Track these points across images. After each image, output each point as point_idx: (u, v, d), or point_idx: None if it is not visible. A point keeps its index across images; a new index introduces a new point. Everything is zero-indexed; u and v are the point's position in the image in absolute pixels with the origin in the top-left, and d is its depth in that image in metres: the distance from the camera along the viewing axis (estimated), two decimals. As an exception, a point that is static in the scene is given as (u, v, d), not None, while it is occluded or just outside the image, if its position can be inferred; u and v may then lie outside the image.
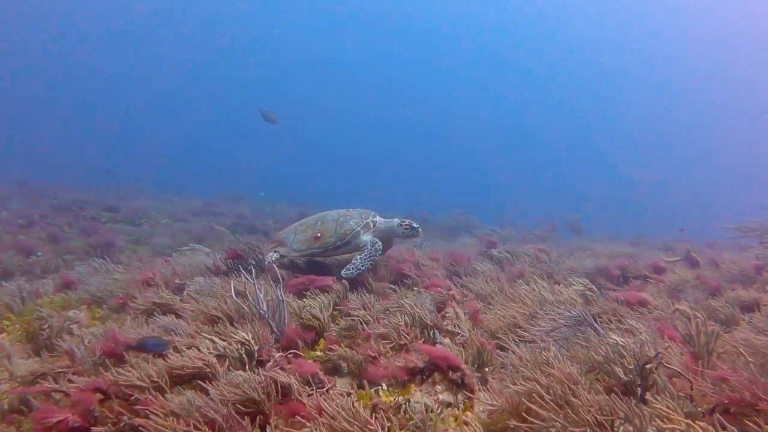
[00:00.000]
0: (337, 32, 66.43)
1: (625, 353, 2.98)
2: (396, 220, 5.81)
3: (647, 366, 2.84)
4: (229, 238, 11.09)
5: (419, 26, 66.60)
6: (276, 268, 5.16)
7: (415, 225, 5.74)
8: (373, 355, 3.58)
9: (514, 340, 3.70)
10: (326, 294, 5.00)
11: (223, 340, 3.56)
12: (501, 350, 3.70)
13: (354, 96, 65.72)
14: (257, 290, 4.19)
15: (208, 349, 3.46)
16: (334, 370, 3.67)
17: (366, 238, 5.62)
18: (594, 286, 4.62)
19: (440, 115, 63.05)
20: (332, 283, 5.29)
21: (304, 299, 4.99)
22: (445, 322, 4.25)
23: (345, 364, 3.58)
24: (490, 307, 4.60)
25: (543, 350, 3.18)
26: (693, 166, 48.94)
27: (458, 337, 3.92)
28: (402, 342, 3.80)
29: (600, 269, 6.24)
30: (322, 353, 3.86)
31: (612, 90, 61.47)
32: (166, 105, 60.74)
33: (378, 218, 5.85)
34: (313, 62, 65.10)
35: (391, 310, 4.34)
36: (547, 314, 3.82)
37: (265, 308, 4.06)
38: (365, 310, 4.53)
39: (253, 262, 6.04)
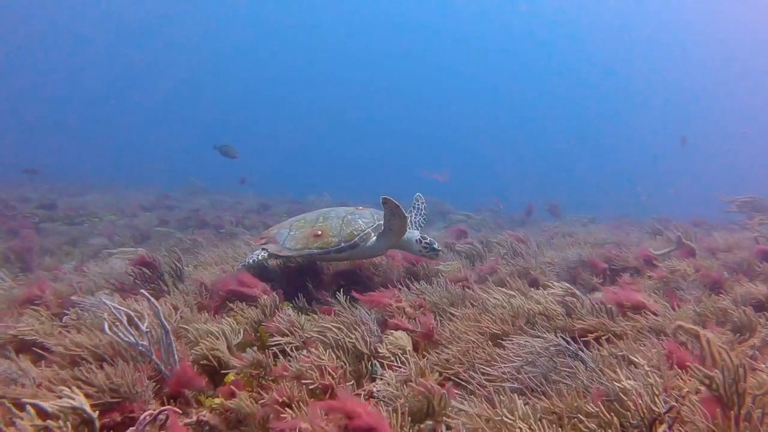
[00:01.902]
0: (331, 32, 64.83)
1: (629, 402, 2.07)
2: (416, 234, 4.85)
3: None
4: (176, 237, 10.02)
5: (407, 20, 65.26)
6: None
7: (436, 246, 4.79)
8: (281, 403, 2.62)
9: (473, 379, 2.76)
10: (253, 308, 4.05)
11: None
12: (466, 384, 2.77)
13: (345, 91, 64.37)
14: (146, 313, 3.20)
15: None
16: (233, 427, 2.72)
17: (378, 243, 4.65)
18: (576, 290, 3.69)
19: (425, 108, 61.89)
20: (261, 293, 4.32)
21: (225, 317, 4.05)
22: (388, 347, 3.30)
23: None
24: (451, 321, 3.65)
25: (506, 401, 2.23)
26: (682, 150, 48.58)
27: (402, 371, 2.96)
28: (326, 382, 2.83)
29: (584, 261, 5.35)
30: (221, 400, 2.89)
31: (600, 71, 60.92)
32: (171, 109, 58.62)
33: None
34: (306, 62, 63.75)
35: (325, 332, 3.37)
36: (519, 341, 2.88)
37: (147, 342, 3.06)
38: (291, 334, 3.55)
39: (170, 270, 5.02)
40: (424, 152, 51.24)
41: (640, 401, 2.07)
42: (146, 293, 3.25)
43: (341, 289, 4.59)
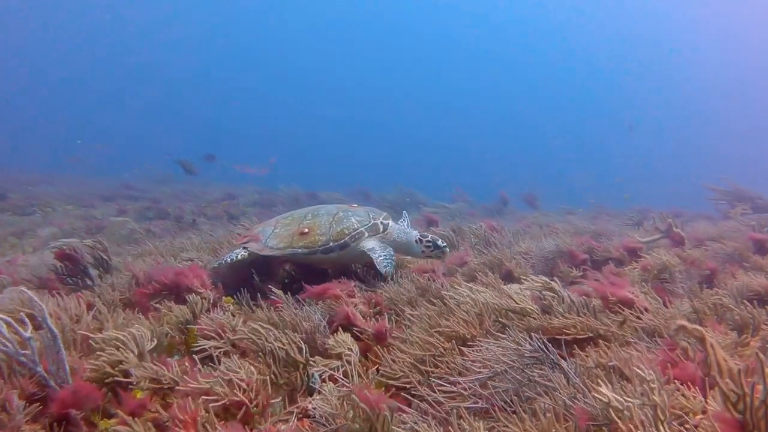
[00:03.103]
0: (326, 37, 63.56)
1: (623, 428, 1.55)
2: (415, 234, 4.35)
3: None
4: (129, 228, 9.30)
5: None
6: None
7: (440, 243, 4.28)
8: (184, 425, 2.05)
9: (430, 395, 2.22)
10: (183, 306, 3.47)
11: None
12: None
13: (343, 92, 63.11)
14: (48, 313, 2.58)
15: None
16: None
17: (371, 243, 4.10)
18: (556, 285, 3.18)
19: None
20: (199, 286, 3.75)
21: (150, 316, 3.48)
22: (330, 352, 2.75)
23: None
24: (411, 321, 3.11)
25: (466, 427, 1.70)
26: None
27: (343, 386, 2.42)
28: (238, 399, 2.26)
29: (562, 252, 4.86)
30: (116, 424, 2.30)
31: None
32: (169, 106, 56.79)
33: (391, 222, 4.34)
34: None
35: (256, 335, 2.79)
36: (487, 347, 2.35)
37: (31, 351, 2.46)
38: (219, 338, 2.97)
39: (94, 262, 4.39)
40: (403, 149, 50.63)
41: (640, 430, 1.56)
42: (25, 289, 2.65)
43: (292, 281, 4.07)
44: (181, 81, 57.68)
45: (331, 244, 4.02)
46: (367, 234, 4.14)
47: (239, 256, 4.13)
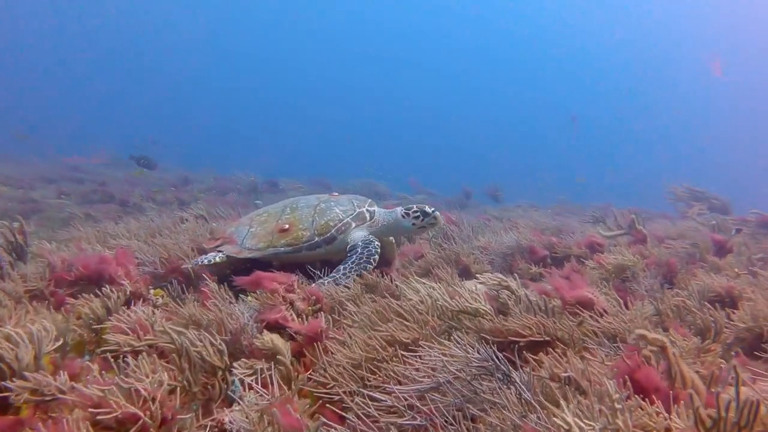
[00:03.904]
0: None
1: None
2: (399, 210, 3.94)
3: None
4: (68, 211, 8.65)
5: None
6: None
7: (428, 209, 3.89)
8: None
9: (362, 407, 1.91)
10: (99, 299, 3.07)
11: None
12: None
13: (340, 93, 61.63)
14: None
15: None
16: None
17: (359, 234, 3.75)
18: (513, 283, 2.93)
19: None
20: (121, 275, 3.37)
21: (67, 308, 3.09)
22: (256, 354, 2.41)
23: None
24: (353, 322, 2.80)
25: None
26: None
27: (264, 399, 2.09)
28: (131, 412, 1.91)
29: (522, 248, 4.65)
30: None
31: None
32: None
33: (376, 208, 3.97)
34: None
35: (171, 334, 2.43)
36: (430, 353, 2.06)
37: None
38: (136, 337, 2.59)
39: (7, 246, 3.91)
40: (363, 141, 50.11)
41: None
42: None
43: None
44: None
45: (316, 239, 3.68)
46: (354, 224, 3.79)
47: (213, 261, 3.70)
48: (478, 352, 1.92)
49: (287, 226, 3.73)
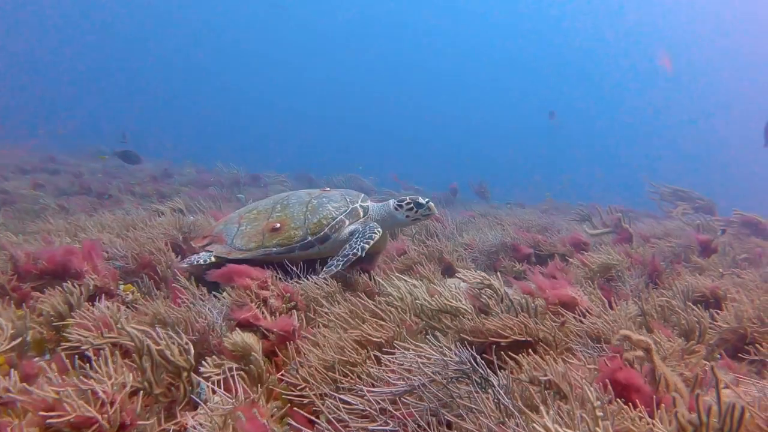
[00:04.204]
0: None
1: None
2: (392, 202, 3.77)
3: None
4: (41, 202, 8.39)
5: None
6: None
7: (421, 200, 3.70)
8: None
9: (333, 411, 1.81)
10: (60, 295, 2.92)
11: None
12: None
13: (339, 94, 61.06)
14: None
15: None
16: None
17: (353, 229, 3.63)
18: (495, 281, 2.84)
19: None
20: (89, 270, 3.22)
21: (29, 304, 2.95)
22: (225, 354, 2.29)
23: None
24: (329, 321, 2.68)
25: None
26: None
27: (230, 401, 1.97)
28: (86, 415, 1.78)
29: (507, 245, 4.57)
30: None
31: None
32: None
33: (370, 203, 3.80)
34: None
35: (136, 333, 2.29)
36: (405, 354, 1.95)
37: None
38: (100, 335, 2.45)
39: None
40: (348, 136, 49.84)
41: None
42: None
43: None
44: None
45: (309, 238, 3.52)
46: (348, 222, 3.63)
47: (202, 262, 3.52)
48: (456, 354, 1.82)
49: (278, 224, 3.58)
